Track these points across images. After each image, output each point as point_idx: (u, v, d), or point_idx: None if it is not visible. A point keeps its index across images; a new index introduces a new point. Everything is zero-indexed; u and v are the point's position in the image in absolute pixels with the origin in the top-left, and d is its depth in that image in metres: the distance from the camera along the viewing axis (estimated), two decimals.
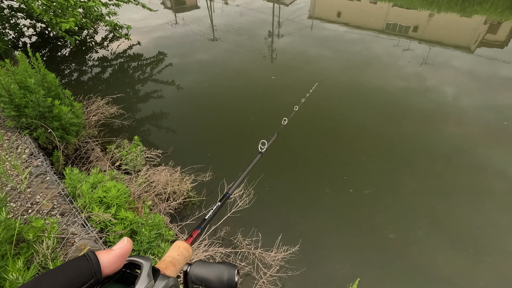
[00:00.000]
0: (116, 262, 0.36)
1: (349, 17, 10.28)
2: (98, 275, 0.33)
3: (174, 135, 3.59)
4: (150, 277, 0.37)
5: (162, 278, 0.39)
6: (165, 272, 0.49)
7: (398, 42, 7.22)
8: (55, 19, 4.31)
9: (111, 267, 0.36)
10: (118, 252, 0.37)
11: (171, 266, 0.51)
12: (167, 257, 0.54)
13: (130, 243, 0.39)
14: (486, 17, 9.81)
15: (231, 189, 0.85)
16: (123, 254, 0.37)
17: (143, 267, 0.38)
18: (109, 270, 0.35)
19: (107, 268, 0.35)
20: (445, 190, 2.84)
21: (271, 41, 7.00)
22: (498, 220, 2.56)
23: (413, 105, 4.25)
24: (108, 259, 0.35)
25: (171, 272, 0.50)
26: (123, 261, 0.38)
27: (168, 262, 0.52)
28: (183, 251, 0.56)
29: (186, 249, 0.57)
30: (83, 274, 0.32)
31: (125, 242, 0.39)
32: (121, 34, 5.71)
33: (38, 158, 2.31)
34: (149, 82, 4.83)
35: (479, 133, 3.69)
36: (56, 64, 5.27)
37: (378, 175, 2.99)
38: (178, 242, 0.58)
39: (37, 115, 2.47)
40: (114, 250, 0.37)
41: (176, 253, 0.55)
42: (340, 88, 4.75)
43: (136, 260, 0.39)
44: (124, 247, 0.38)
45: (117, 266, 0.37)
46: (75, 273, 0.32)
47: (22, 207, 1.82)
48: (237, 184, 0.89)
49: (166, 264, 0.51)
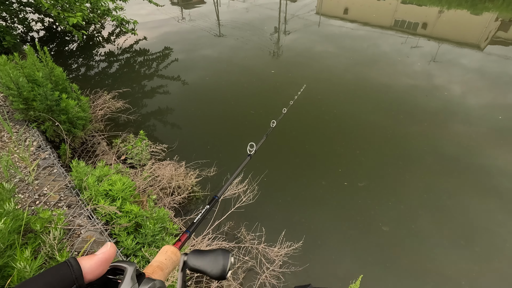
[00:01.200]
0: (99, 268, 0.36)
1: (356, 14, 10.15)
2: (80, 281, 0.33)
3: (179, 130, 3.61)
4: (134, 281, 0.37)
5: (147, 281, 0.39)
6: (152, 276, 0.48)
7: (406, 40, 7.12)
8: (62, 13, 4.35)
9: (93, 273, 0.35)
10: (101, 257, 0.36)
11: (158, 270, 0.51)
12: (154, 262, 0.53)
13: (113, 248, 0.38)
14: (497, 14, 9.61)
15: (220, 192, 0.85)
16: (106, 259, 0.37)
17: (127, 271, 0.37)
18: (91, 276, 0.35)
19: (90, 274, 0.34)
20: (447, 188, 2.81)
21: (277, 37, 6.96)
22: (489, 211, 2.53)
23: (419, 104, 4.20)
24: (90, 264, 0.35)
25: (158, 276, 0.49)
26: (106, 266, 0.37)
27: (155, 266, 0.51)
28: (171, 255, 0.55)
29: (174, 253, 0.56)
30: (64, 280, 0.32)
31: (108, 247, 0.38)
32: (128, 29, 5.74)
33: (45, 151, 2.34)
34: (155, 77, 4.85)
35: (486, 132, 3.64)
36: (64, 58, 5.32)
37: (380, 170, 2.97)
38: (166, 246, 0.58)
39: (45, 109, 2.50)
40: (96, 255, 0.36)
41: (163, 257, 0.54)
42: (342, 83, 4.71)
43: (120, 265, 0.38)
44: (107, 252, 0.37)
45: (100, 271, 0.36)
46: (56, 280, 0.31)
47: (30, 199, 1.85)
48: (226, 187, 0.89)
49: (153, 269, 0.51)
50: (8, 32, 4.46)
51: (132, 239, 1.73)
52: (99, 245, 1.66)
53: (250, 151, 1.16)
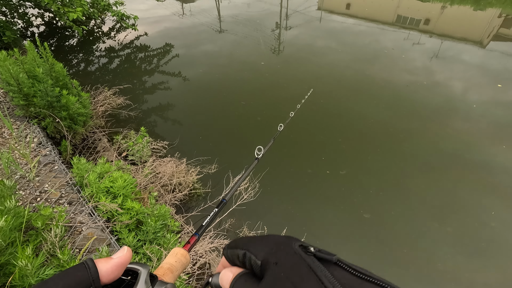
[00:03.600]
0: (115, 271, 0.36)
1: (358, 9, 10.06)
2: (97, 283, 0.33)
3: (180, 126, 3.59)
4: (148, 284, 0.37)
5: (160, 284, 0.40)
6: (163, 278, 0.49)
7: (408, 35, 7.06)
8: (62, 8, 4.31)
9: (109, 276, 0.35)
10: (117, 262, 0.36)
11: (168, 272, 0.51)
12: (164, 264, 0.54)
13: (129, 252, 0.38)
14: (501, 10, 9.51)
15: (227, 195, 0.85)
16: (122, 264, 0.37)
17: (141, 274, 0.37)
18: (107, 279, 0.35)
19: (105, 277, 0.34)
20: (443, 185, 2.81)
21: (278, 33, 6.90)
22: (475, 197, 2.53)
23: (419, 100, 4.17)
24: (106, 268, 0.35)
25: (169, 279, 0.50)
26: (122, 270, 0.37)
27: (166, 269, 0.52)
28: (180, 257, 0.56)
29: (184, 256, 0.57)
30: (82, 283, 0.32)
31: (125, 251, 0.38)
32: (128, 25, 5.69)
33: (46, 147, 2.33)
34: (156, 73, 4.82)
35: (485, 128, 3.63)
36: (64, 54, 5.29)
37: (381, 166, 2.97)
38: (176, 249, 0.59)
39: (45, 105, 2.49)
40: (113, 259, 0.36)
41: (174, 259, 0.55)
42: (343, 79, 4.68)
43: (134, 267, 0.39)
44: (123, 257, 0.37)
45: (116, 275, 0.36)
46: (73, 282, 0.32)
47: (31, 195, 1.85)
48: (234, 190, 0.89)
49: (164, 271, 0.51)
50: (8, 27, 4.42)
51: (134, 236, 1.73)
52: (100, 242, 1.66)
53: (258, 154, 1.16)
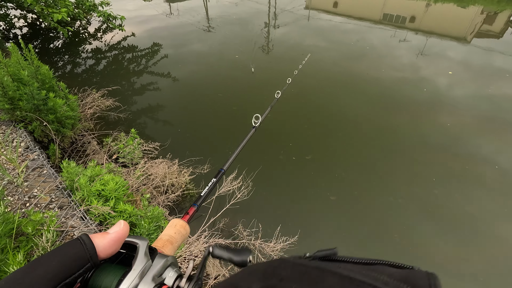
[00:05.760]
0: (112, 246, 0.34)
1: (346, 8, 10.17)
2: (95, 259, 0.32)
3: (171, 127, 3.57)
4: (148, 257, 0.36)
5: (160, 257, 0.38)
6: (163, 250, 0.48)
7: (395, 33, 7.18)
8: (46, 9, 4.21)
9: (107, 251, 0.34)
10: (114, 236, 0.35)
11: (168, 244, 0.50)
12: (164, 235, 0.52)
13: (126, 226, 0.36)
14: (482, 8, 9.78)
15: (225, 165, 0.84)
16: (120, 238, 0.35)
17: (139, 247, 0.36)
18: (104, 254, 0.34)
19: (103, 252, 0.33)
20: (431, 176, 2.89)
21: (267, 31, 6.92)
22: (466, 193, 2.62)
23: (406, 95, 4.27)
24: (103, 243, 0.33)
25: (168, 251, 0.49)
26: (119, 245, 0.36)
27: (165, 240, 0.51)
28: (180, 228, 0.55)
29: (183, 227, 0.56)
30: (79, 259, 0.31)
31: (121, 225, 0.36)
32: (115, 25, 5.60)
33: (34, 152, 2.28)
34: (145, 74, 4.77)
35: (471, 122, 3.75)
36: (49, 56, 5.17)
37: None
38: (174, 220, 0.57)
39: (32, 108, 2.44)
40: (109, 233, 0.35)
41: (173, 231, 0.54)
42: (330, 77, 4.74)
43: (132, 241, 0.37)
44: (120, 231, 0.35)
45: (113, 250, 0.35)
46: (70, 258, 0.30)
47: (20, 201, 1.81)
48: (231, 159, 0.88)
49: (163, 243, 0.50)
50: None
51: None
52: None
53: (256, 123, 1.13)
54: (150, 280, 0.35)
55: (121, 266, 0.36)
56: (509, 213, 2.57)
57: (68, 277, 0.29)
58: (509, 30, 7.90)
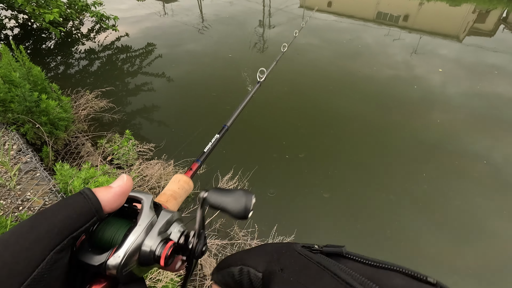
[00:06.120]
0: (117, 200, 0.33)
1: (340, 7, 10.21)
2: (100, 213, 0.31)
3: (166, 128, 3.55)
4: (153, 212, 0.35)
5: (165, 212, 0.37)
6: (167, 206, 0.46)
7: (389, 31, 7.23)
8: (38, 9, 4.16)
9: (112, 205, 0.33)
10: (118, 190, 0.33)
11: (172, 199, 0.49)
12: (167, 190, 0.51)
13: (130, 180, 0.35)
14: (475, 6, 9.88)
15: (229, 121, 0.81)
16: (124, 193, 0.34)
17: (144, 202, 0.35)
18: (109, 208, 0.32)
19: (108, 206, 0.32)
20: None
21: (261, 31, 6.91)
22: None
23: (400, 93, 4.30)
24: (108, 197, 0.32)
25: (172, 206, 0.48)
26: (124, 199, 0.34)
27: (168, 195, 0.49)
28: (183, 184, 0.53)
29: (186, 182, 0.54)
30: (84, 213, 0.29)
31: (125, 179, 0.34)
32: (108, 25, 5.56)
33: (27, 154, 2.25)
34: (139, 74, 4.73)
35: (462, 118, 3.80)
36: (41, 57, 5.11)
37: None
38: (177, 175, 0.55)
39: (24, 110, 2.41)
40: (113, 187, 0.33)
41: (176, 186, 0.52)
42: (326, 75, 4.76)
43: (136, 195, 0.36)
44: (124, 185, 0.34)
45: (118, 204, 0.33)
46: (75, 213, 0.29)
47: (13, 205, 1.79)
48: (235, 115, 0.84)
49: (166, 198, 0.49)
50: None
51: None
52: None
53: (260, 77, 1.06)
54: (155, 235, 0.34)
55: (126, 220, 0.35)
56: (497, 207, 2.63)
57: (75, 231, 0.28)
58: (500, 28, 8.00)
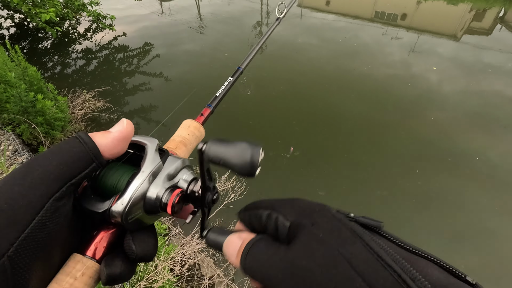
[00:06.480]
0: (117, 146, 0.30)
1: (338, 6, 10.21)
2: (99, 158, 0.28)
3: (164, 127, 3.53)
4: (158, 158, 0.32)
5: (173, 158, 0.34)
6: (176, 152, 0.43)
7: (386, 30, 7.24)
8: (34, 9, 4.13)
9: (111, 151, 0.30)
10: (117, 135, 0.30)
11: (181, 146, 0.46)
12: (176, 136, 0.47)
13: (130, 125, 0.32)
14: (472, 5, 9.91)
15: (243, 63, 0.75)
16: (124, 138, 0.31)
17: (148, 148, 0.32)
18: (109, 154, 0.30)
19: (107, 152, 0.29)
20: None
21: (259, 30, 6.91)
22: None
23: (395, 91, 4.31)
24: (106, 142, 0.29)
25: (181, 153, 0.44)
26: (125, 145, 0.31)
27: (178, 142, 0.46)
28: (193, 130, 0.50)
29: (197, 129, 0.51)
30: (81, 159, 0.27)
31: (125, 124, 0.31)
32: (105, 25, 5.53)
33: (22, 155, 2.24)
34: (136, 74, 4.72)
35: (457, 116, 3.82)
36: (38, 57, 5.08)
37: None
38: (187, 121, 0.51)
39: (20, 110, 2.39)
40: (112, 132, 0.31)
41: (186, 132, 0.49)
42: (324, 75, 4.76)
43: (139, 141, 0.33)
44: (124, 130, 0.31)
45: (119, 150, 0.31)
46: (71, 158, 0.27)
47: None
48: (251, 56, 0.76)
49: (176, 144, 0.46)
50: None
51: None
52: None
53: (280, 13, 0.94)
54: (161, 183, 0.32)
55: (131, 167, 0.32)
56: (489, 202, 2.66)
57: (73, 178, 0.26)
58: (497, 27, 8.03)
